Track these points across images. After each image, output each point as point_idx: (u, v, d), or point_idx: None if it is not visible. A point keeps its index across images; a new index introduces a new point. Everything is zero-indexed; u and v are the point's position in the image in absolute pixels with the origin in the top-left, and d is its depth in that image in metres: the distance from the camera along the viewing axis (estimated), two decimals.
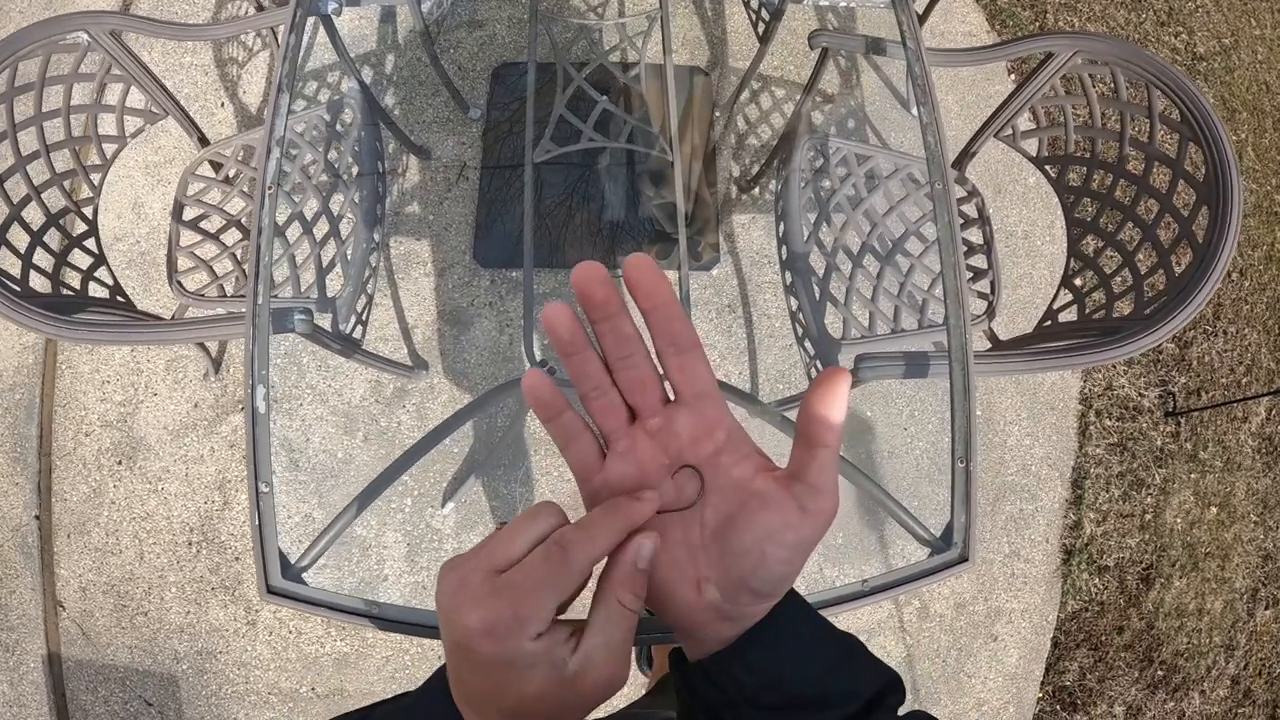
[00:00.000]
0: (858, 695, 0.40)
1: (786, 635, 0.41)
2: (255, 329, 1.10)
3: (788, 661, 0.40)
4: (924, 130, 1.23)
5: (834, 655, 0.41)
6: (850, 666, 0.41)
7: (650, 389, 0.41)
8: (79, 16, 1.41)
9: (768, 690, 0.39)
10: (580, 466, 0.42)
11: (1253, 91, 2.46)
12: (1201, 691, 2.01)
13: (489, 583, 0.36)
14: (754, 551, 0.39)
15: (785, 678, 0.39)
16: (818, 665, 0.40)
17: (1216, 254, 1.23)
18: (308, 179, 1.57)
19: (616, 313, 0.39)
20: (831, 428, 0.38)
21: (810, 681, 0.39)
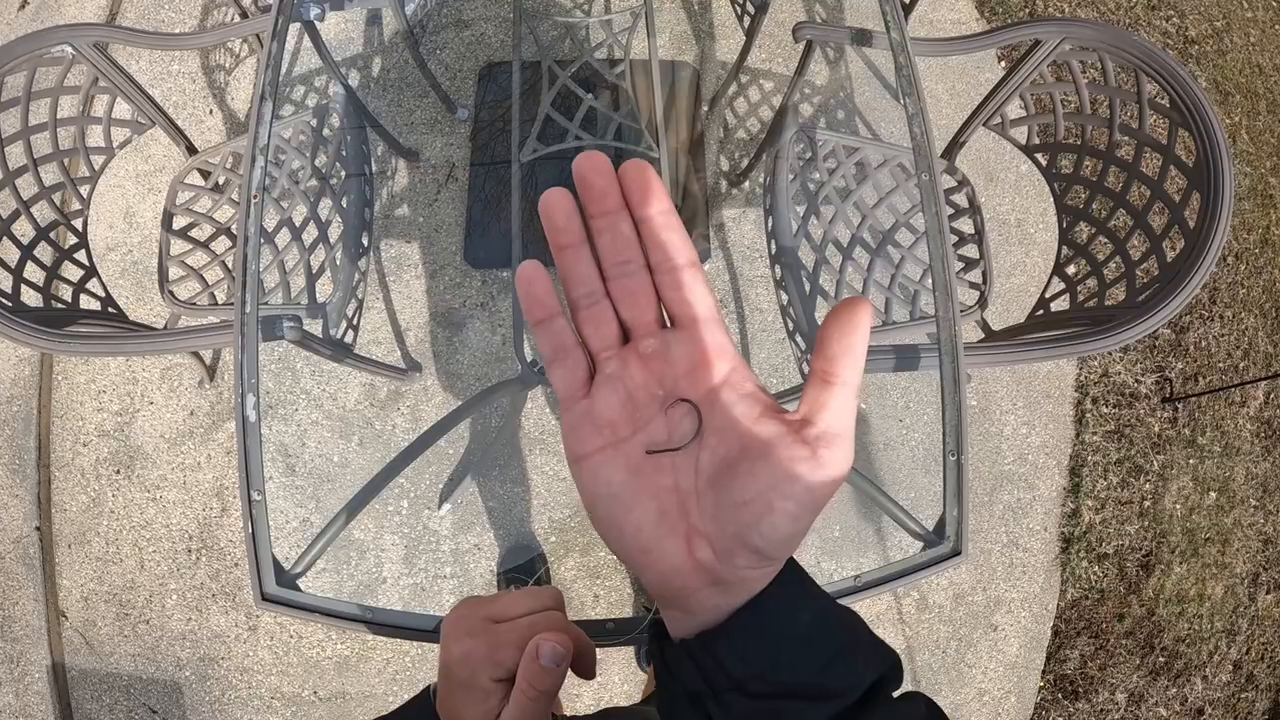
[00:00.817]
0: (856, 687, 0.36)
1: (784, 617, 0.36)
2: (243, 338, 1.10)
3: (783, 647, 0.35)
4: (910, 121, 1.22)
5: (835, 642, 0.37)
6: (851, 654, 0.37)
7: (646, 304, 0.36)
8: (63, 30, 1.41)
9: (758, 678, 0.35)
10: (566, 388, 0.37)
11: (1245, 74, 2.45)
12: (1204, 677, 2.01)
13: (482, 625, 0.44)
14: (757, 502, 0.33)
15: (779, 665, 0.35)
16: (816, 653, 0.36)
17: (1208, 240, 1.22)
18: (296, 185, 1.56)
19: (616, 209, 0.35)
20: (852, 362, 0.34)
21: (806, 671, 0.35)
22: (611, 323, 0.36)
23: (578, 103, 1.53)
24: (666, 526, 0.35)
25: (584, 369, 0.37)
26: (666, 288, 0.36)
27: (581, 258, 0.36)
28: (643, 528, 0.35)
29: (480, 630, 0.44)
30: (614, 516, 0.36)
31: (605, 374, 0.36)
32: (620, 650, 1.85)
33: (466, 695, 0.44)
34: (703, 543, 0.35)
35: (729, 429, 0.35)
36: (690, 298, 0.36)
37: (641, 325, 0.36)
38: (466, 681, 0.43)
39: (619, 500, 0.35)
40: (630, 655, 1.85)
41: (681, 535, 0.35)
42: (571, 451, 0.37)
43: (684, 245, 0.35)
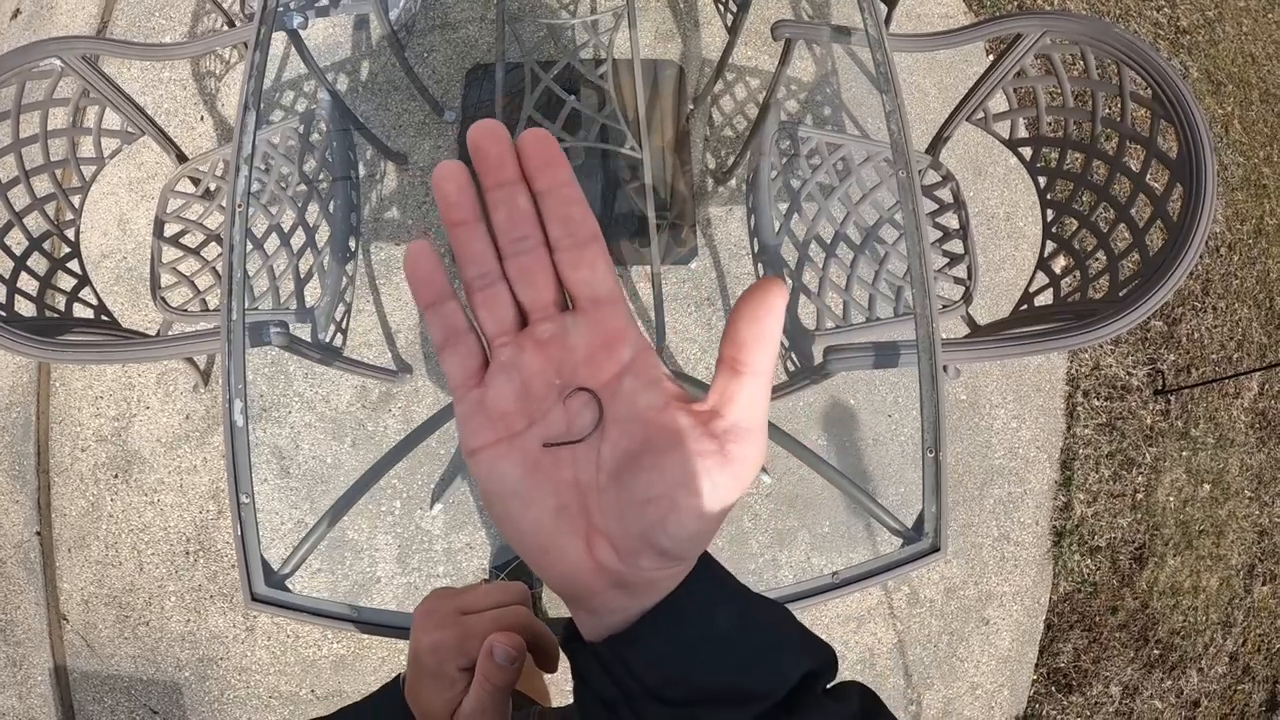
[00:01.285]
0: (781, 686, 0.33)
1: (698, 618, 0.34)
2: (230, 344, 1.11)
3: (699, 650, 0.33)
4: (888, 117, 1.23)
5: (755, 642, 0.34)
6: (775, 652, 0.34)
7: (544, 284, 0.33)
8: (51, 43, 1.42)
9: (673, 684, 0.32)
10: (458, 376, 0.34)
11: (1238, 64, 2.44)
12: (1199, 669, 2.01)
13: (451, 617, 0.47)
14: (661, 500, 0.31)
15: (695, 669, 0.33)
16: (735, 654, 0.33)
17: (1191, 232, 1.22)
18: (284, 190, 1.58)
19: (513, 180, 0.32)
20: (763, 349, 0.32)
21: (726, 673, 0.33)
22: (508, 305, 0.34)
23: (561, 104, 1.54)
24: (566, 524, 0.32)
25: (477, 356, 0.34)
26: (566, 266, 0.33)
27: (476, 235, 0.33)
28: (541, 526, 0.32)
29: (450, 623, 0.47)
30: (510, 514, 0.33)
31: (499, 361, 0.34)
32: None
33: (434, 683, 0.46)
34: (604, 542, 0.32)
35: (632, 420, 0.32)
36: (592, 279, 0.33)
37: (539, 308, 0.33)
38: (434, 670, 0.46)
39: (516, 497, 0.33)
40: None
41: (581, 534, 0.32)
42: (465, 445, 0.34)
43: (585, 219, 0.33)
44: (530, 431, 0.33)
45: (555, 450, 0.33)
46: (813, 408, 1.95)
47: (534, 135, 0.32)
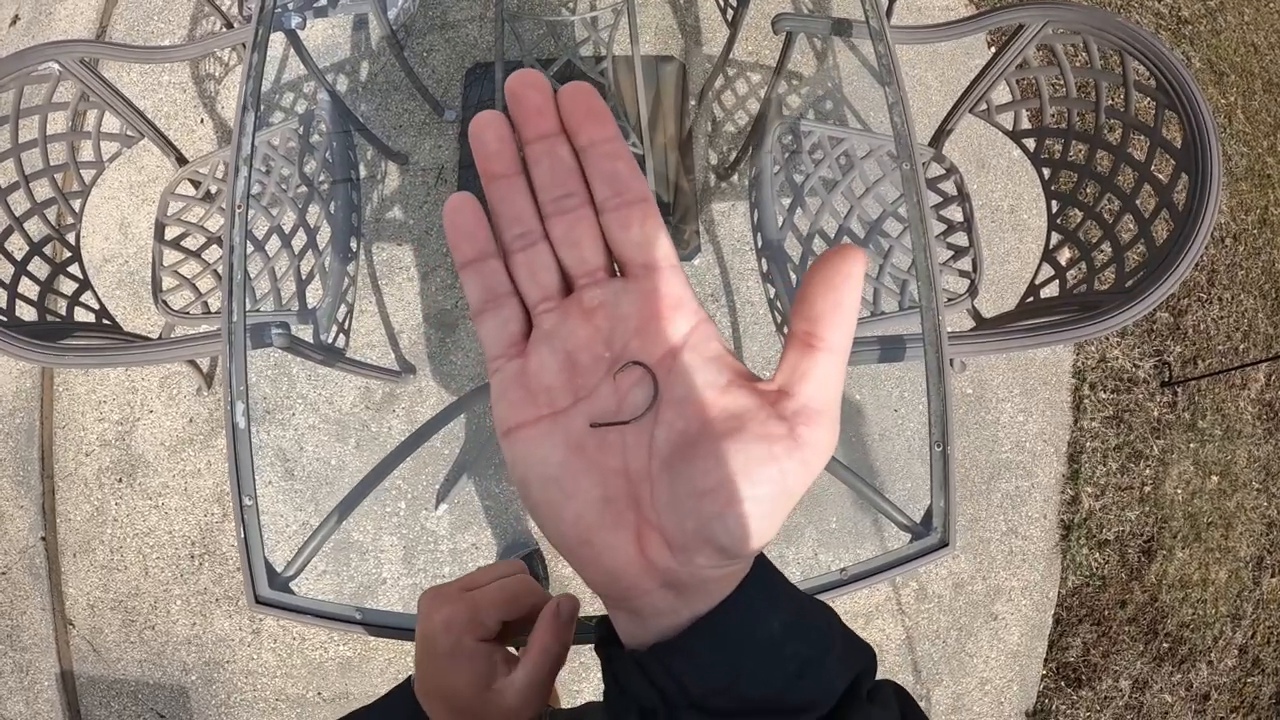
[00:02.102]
0: (830, 695, 0.31)
1: (750, 627, 0.30)
2: (231, 346, 1.11)
3: (748, 658, 0.30)
4: (890, 110, 1.22)
5: (807, 651, 0.31)
6: (824, 662, 0.31)
7: (591, 247, 0.30)
8: (49, 47, 1.42)
9: (719, 694, 0.30)
10: (496, 342, 0.31)
11: (1240, 53, 2.42)
12: (1209, 662, 2.00)
13: (458, 594, 0.45)
14: (721, 491, 0.27)
15: (742, 678, 0.30)
16: (786, 664, 0.30)
17: (1197, 222, 1.22)
18: (284, 191, 1.57)
19: (554, 132, 0.30)
20: (841, 322, 0.28)
21: (774, 684, 0.30)
22: (551, 269, 0.31)
23: None
24: (612, 516, 0.29)
25: (519, 322, 0.31)
26: (614, 227, 0.30)
27: (517, 189, 0.30)
28: (583, 518, 0.29)
29: (457, 598, 0.45)
30: (550, 502, 0.30)
31: (543, 330, 0.31)
32: None
33: (453, 663, 0.43)
34: (656, 537, 0.29)
35: (689, 400, 0.29)
36: (645, 240, 0.30)
37: (586, 272, 0.30)
38: (451, 649, 0.43)
39: (556, 483, 0.29)
40: None
41: (630, 527, 0.29)
42: (500, 422, 0.30)
43: (634, 176, 0.30)
44: (575, 409, 0.30)
45: (603, 432, 0.29)
46: None
47: (575, 87, 0.29)
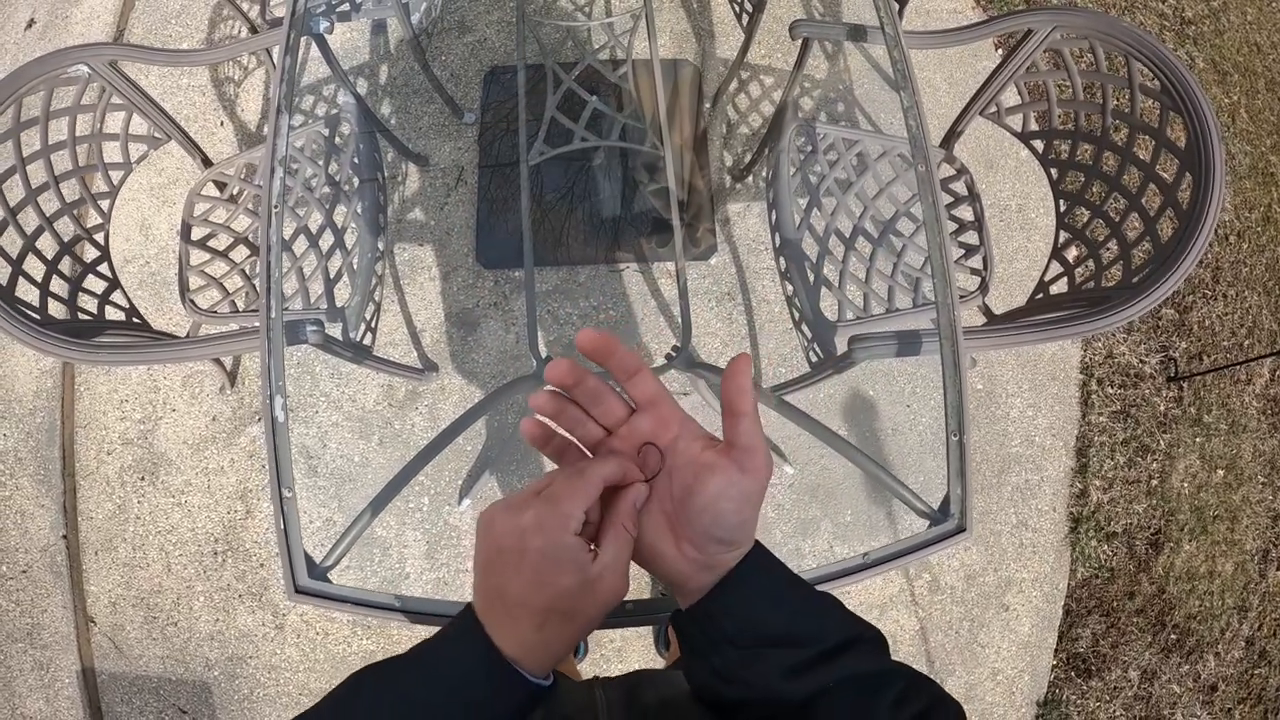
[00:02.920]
0: (825, 638, 0.48)
1: (753, 582, 0.50)
2: (270, 342, 1.14)
3: (757, 604, 0.49)
4: (906, 114, 1.25)
5: (799, 602, 0.50)
6: (817, 613, 0.50)
7: (615, 411, 0.55)
8: (78, 50, 1.45)
9: (743, 631, 0.48)
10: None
11: (1243, 53, 2.46)
12: (1216, 654, 2.03)
13: (534, 497, 0.49)
14: (710, 508, 0.49)
15: (756, 619, 0.48)
16: (785, 609, 0.49)
17: (1200, 220, 1.25)
18: (310, 193, 1.61)
19: (580, 381, 0.54)
20: (744, 398, 0.50)
21: (778, 625, 0.48)
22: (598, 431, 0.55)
23: (582, 104, 1.57)
24: (661, 536, 0.51)
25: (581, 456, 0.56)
26: (629, 388, 0.55)
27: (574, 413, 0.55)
28: (654, 544, 0.52)
29: (533, 500, 0.49)
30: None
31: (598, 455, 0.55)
32: (640, 638, 1.89)
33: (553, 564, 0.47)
34: (686, 543, 0.50)
35: (685, 465, 0.51)
36: (645, 390, 0.54)
37: (616, 422, 0.55)
38: (546, 549, 0.46)
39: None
40: (649, 642, 1.88)
41: (672, 541, 0.51)
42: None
43: (633, 360, 0.53)
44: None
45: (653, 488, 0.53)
46: (833, 399, 1.98)
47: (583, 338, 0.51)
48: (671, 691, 0.68)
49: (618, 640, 1.88)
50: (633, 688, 0.69)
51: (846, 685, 0.46)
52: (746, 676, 0.47)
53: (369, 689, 0.48)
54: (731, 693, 0.48)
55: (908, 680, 0.47)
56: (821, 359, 1.44)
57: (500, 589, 0.48)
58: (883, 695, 0.46)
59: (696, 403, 1.90)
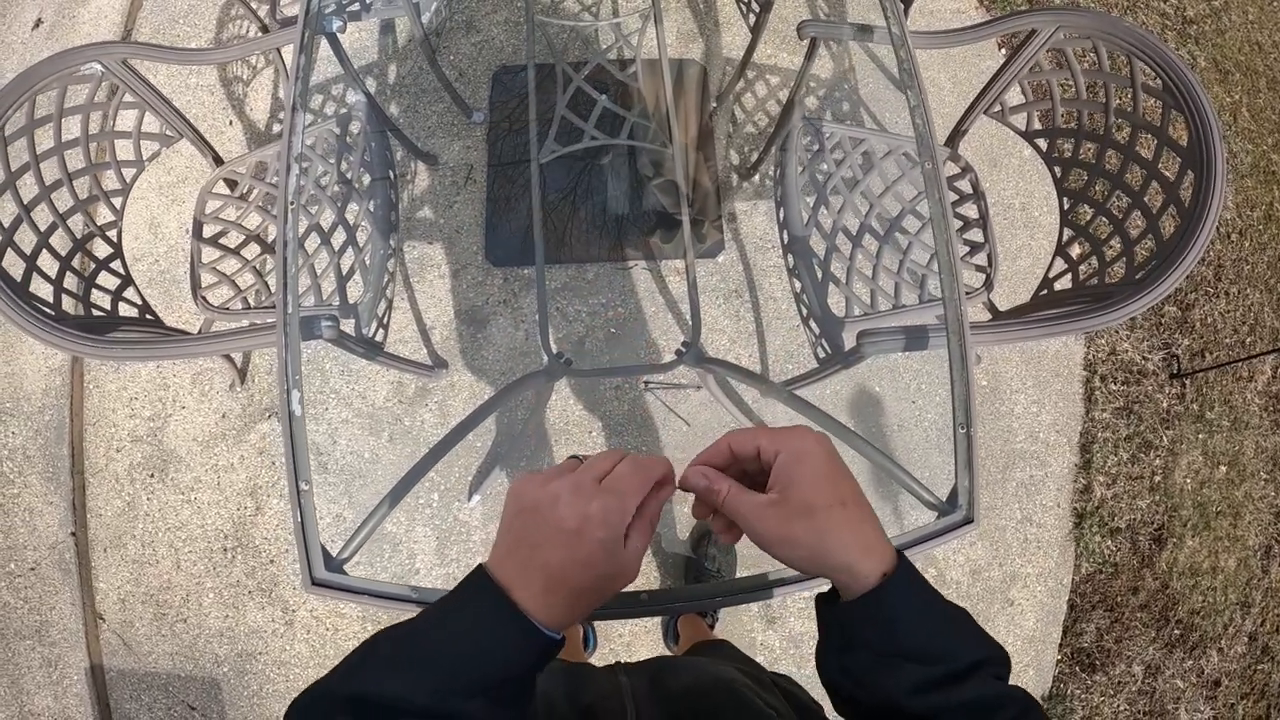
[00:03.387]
0: (957, 658, 0.51)
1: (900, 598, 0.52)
2: (286, 337, 1.15)
3: (900, 619, 0.52)
4: (912, 113, 1.27)
5: (938, 620, 0.53)
6: (953, 633, 0.53)
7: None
8: (91, 48, 1.46)
9: (882, 641, 0.52)
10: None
11: (1245, 52, 2.48)
12: (1219, 649, 2.04)
13: (597, 485, 0.52)
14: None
15: (897, 633, 0.51)
16: (925, 626, 0.52)
17: (1202, 217, 1.26)
18: (321, 190, 1.62)
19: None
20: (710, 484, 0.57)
21: (917, 639, 0.51)
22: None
23: (591, 103, 1.58)
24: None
25: None
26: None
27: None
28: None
29: (599, 490, 0.52)
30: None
31: None
32: (648, 632, 1.90)
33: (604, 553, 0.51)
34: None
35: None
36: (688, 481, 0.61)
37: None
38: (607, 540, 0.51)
39: None
40: (658, 636, 1.90)
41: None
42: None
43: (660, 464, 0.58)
44: None
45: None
46: (840, 395, 1.99)
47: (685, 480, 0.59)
48: (695, 677, 0.69)
49: (626, 635, 1.89)
50: (656, 673, 0.71)
51: (963, 708, 0.50)
52: (874, 682, 0.52)
53: (385, 647, 0.50)
54: (856, 692, 0.53)
55: (1020, 707, 0.51)
56: (829, 354, 1.45)
57: (545, 562, 0.50)
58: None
59: (705, 398, 1.92)
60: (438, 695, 0.46)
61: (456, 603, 0.52)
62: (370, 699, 0.46)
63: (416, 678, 0.47)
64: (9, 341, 2.06)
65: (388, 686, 0.46)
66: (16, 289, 1.31)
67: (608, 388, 1.97)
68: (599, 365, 1.95)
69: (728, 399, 1.83)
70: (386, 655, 0.49)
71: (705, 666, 0.77)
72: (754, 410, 1.94)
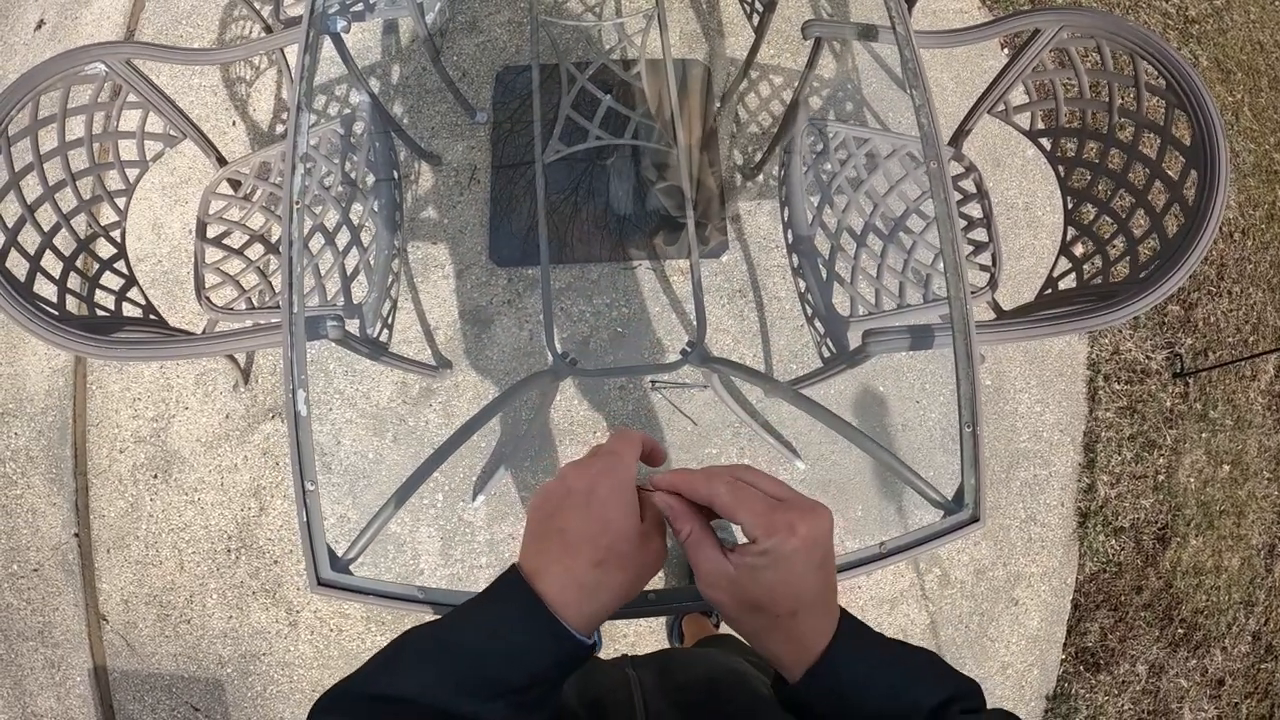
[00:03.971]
0: (920, 705, 0.49)
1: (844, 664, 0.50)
2: (292, 336, 1.15)
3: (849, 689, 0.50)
4: (917, 112, 1.27)
5: (894, 674, 0.51)
6: (912, 681, 0.50)
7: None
8: (95, 48, 1.46)
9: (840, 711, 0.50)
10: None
11: (1246, 51, 2.48)
12: (1223, 648, 2.04)
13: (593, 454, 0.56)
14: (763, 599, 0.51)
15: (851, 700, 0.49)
16: (879, 685, 0.50)
17: (1206, 215, 1.27)
18: (325, 191, 1.62)
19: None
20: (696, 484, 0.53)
21: (875, 700, 0.49)
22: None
23: (596, 103, 1.58)
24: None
25: None
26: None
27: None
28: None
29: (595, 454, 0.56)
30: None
31: None
32: (652, 632, 1.90)
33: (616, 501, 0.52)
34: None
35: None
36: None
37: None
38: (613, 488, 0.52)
39: None
40: (662, 636, 1.90)
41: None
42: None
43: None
44: None
45: None
46: (844, 395, 1.99)
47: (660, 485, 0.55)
48: (705, 668, 0.69)
49: (631, 635, 1.89)
50: (665, 665, 0.71)
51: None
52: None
53: (414, 645, 0.49)
54: None
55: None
56: (834, 354, 1.45)
57: (563, 530, 0.51)
58: None
59: (710, 398, 1.92)
60: (457, 696, 0.46)
61: (485, 600, 0.51)
62: (391, 699, 0.46)
63: (438, 677, 0.47)
64: (12, 342, 2.06)
65: (408, 686, 0.46)
66: (20, 289, 1.30)
67: (612, 388, 1.97)
68: (603, 365, 1.95)
69: (732, 399, 1.84)
70: (413, 654, 0.49)
71: (714, 657, 0.77)
72: (759, 410, 1.94)
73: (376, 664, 0.49)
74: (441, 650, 0.48)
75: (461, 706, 0.46)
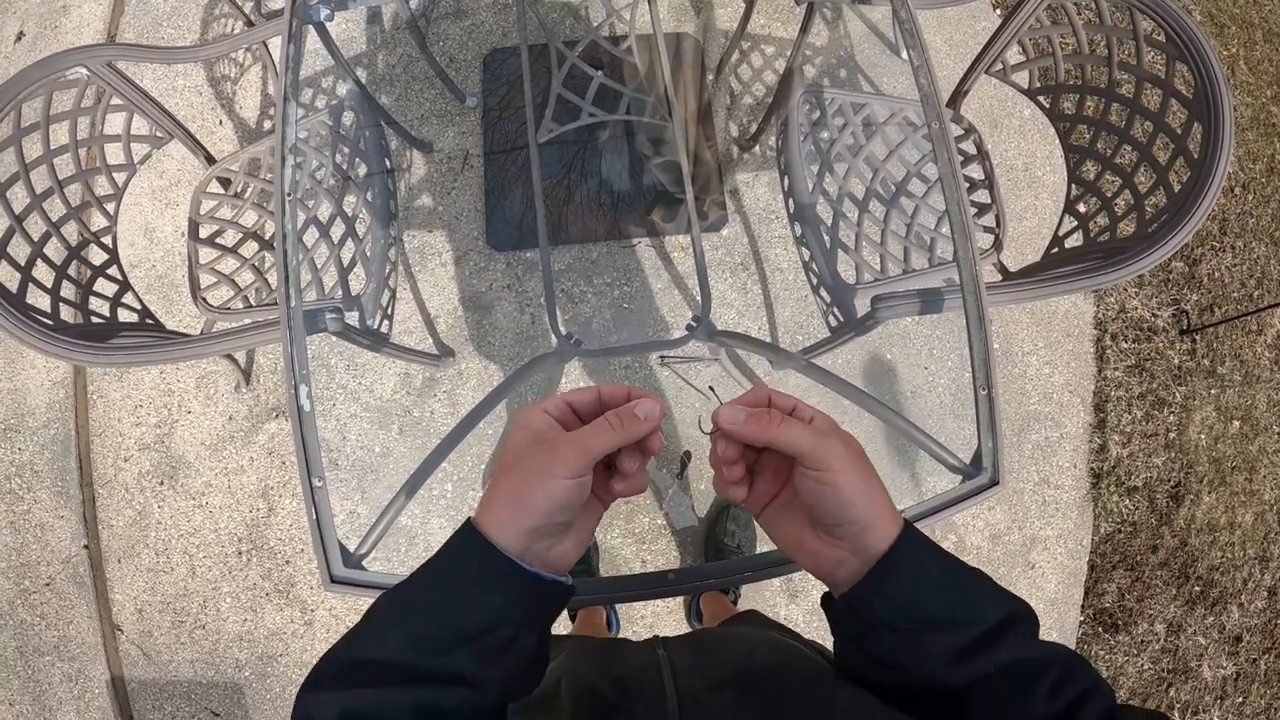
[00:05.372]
0: (982, 620, 0.48)
1: (909, 566, 0.49)
2: (291, 331, 1.13)
3: (915, 588, 0.49)
4: (916, 73, 1.25)
5: (955, 582, 0.50)
6: (974, 592, 0.50)
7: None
8: (76, 53, 1.43)
9: (901, 615, 0.49)
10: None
11: (1240, 5, 2.45)
12: (1240, 604, 2.04)
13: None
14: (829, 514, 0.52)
15: (913, 604, 0.49)
16: (943, 590, 0.49)
17: (1212, 167, 1.25)
18: (317, 183, 1.60)
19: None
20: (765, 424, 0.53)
21: (938, 605, 0.49)
22: None
23: (587, 81, 1.56)
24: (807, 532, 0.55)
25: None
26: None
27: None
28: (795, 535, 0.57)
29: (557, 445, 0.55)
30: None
31: None
32: (670, 613, 1.89)
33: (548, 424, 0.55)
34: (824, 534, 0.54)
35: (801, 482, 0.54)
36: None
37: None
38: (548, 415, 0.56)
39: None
40: (680, 616, 1.89)
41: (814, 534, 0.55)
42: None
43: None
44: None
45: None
46: (852, 364, 1.97)
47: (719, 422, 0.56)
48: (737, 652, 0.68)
49: (649, 616, 1.88)
50: (696, 647, 0.69)
51: (1005, 672, 0.47)
52: (906, 662, 0.49)
53: (381, 609, 0.50)
54: (884, 678, 0.50)
55: (1064, 666, 0.48)
56: (842, 322, 1.44)
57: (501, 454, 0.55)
58: (1039, 683, 0.47)
59: (718, 372, 1.90)
60: (419, 651, 0.46)
61: (438, 555, 0.52)
62: (361, 663, 0.47)
63: (402, 635, 0.47)
64: (11, 358, 2.05)
65: (376, 649, 0.47)
66: (13, 300, 1.28)
67: (617, 367, 1.96)
68: (608, 344, 1.93)
69: (740, 373, 1.82)
70: (379, 617, 0.50)
71: (749, 634, 0.76)
72: (768, 384, 1.92)
73: (350, 633, 0.50)
74: (402, 608, 0.49)
75: (424, 659, 0.46)
